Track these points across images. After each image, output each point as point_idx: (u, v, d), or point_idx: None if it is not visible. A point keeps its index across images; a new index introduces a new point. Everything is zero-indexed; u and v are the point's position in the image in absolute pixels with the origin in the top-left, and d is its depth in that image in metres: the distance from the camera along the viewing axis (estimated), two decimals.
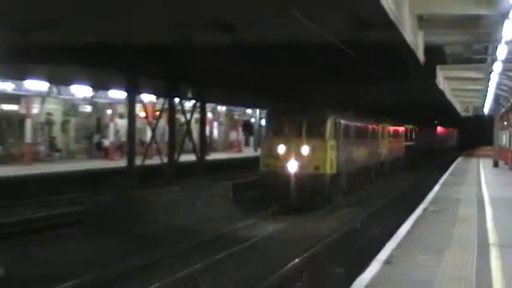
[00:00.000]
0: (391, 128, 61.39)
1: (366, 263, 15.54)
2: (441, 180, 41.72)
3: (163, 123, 43.67)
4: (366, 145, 47.58)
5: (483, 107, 64.05)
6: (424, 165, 75.54)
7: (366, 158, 47.47)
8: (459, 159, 73.24)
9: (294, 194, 34.43)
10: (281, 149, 35.26)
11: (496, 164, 57.98)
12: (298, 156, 34.84)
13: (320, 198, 35.48)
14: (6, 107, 54.31)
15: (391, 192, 46.32)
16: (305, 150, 34.81)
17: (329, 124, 36.14)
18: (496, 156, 60.57)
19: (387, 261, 15.33)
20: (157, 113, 44.24)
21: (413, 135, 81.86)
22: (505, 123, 63.36)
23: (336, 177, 37.06)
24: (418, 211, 25.40)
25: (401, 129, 69.38)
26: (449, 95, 59.27)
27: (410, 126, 78.57)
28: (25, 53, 32.67)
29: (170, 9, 27.04)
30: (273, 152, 35.65)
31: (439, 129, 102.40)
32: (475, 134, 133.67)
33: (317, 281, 19.23)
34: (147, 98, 49.01)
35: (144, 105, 41.03)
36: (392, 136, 62.28)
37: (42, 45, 30.40)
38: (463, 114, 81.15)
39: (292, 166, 34.64)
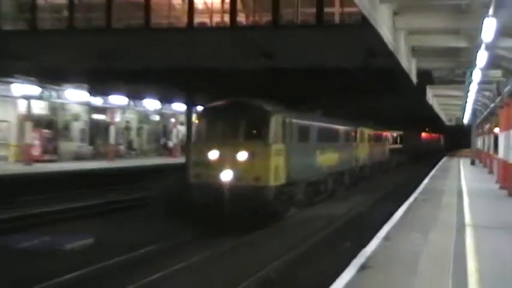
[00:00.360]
0: (372, 132, 48.05)
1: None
2: (429, 176, 41.39)
3: None
4: (336, 149, 34.82)
5: (463, 118, 63.54)
6: (414, 164, 71.79)
7: (336, 163, 34.57)
8: (444, 159, 72.65)
9: (229, 211, 22.93)
10: (213, 155, 23.71)
11: (473, 163, 57.82)
12: (234, 164, 23.35)
13: (261, 214, 23.65)
14: (96, 116, 55.35)
15: (383, 187, 42.54)
16: (242, 156, 23.31)
17: (273, 124, 24.11)
18: (473, 156, 60.60)
19: (386, 238, 15.35)
20: None
21: (403, 140, 73.72)
22: (480, 131, 62.88)
23: (287, 188, 25.17)
24: (411, 199, 25.30)
25: (384, 133, 56.48)
26: (436, 108, 59.03)
27: (400, 132, 71.42)
28: (110, 75, 33.08)
29: (224, 44, 27.50)
30: (204, 159, 23.98)
31: (424, 134, 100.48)
32: (457, 139, 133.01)
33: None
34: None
35: None
36: (374, 140, 48.75)
37: (124, 70, 30.76)
38: (447, 123, 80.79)
39: (227, 177, 23.17)
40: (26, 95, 42.98)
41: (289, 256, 18.22)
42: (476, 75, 26.29)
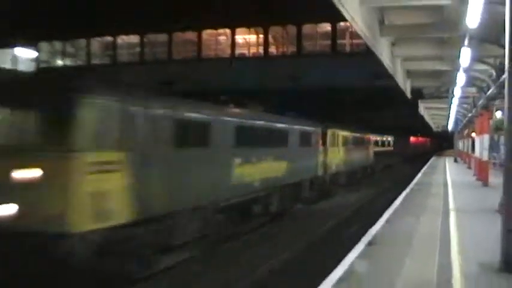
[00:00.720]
0: (351, 135, 33.63)
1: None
2: (421, 171, 41.11)
3: None
4: (283, 156, 20.42)
5: (448, 125, 63.09)
6: (408, 163, 66.26)
7: (285, 173, 20.35)
8: (433, 158, 71.89)
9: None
10: None
11: (455, 160, 57.26)
12: (12, 191, 9.39)
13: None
14: None
15: (385, 182, 41.67)
16: (25, 176, 9.31)
17: (86, 116, 9.91)
18: (456, 155, 60.15)
19: (387, 221, 15.43)
20: None
21: (394, 143, 67.41)
22: (461, 135, 62.41)
23: (136, 231, 10.96)
24: (407, 190, 25.24)
25: (367, 136, 41.92)
26: (427, 118, 58.80)
27: (391, 137, 65.48)
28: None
29: (259, 70, 27.84)
30: None
31: (416, 138, 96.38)
32: (443, 142, 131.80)
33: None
34: None
35: None
36: (353, 143, 34.19)
37: (182, 92, 31.15)
38: (435, 129, 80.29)
39: None
40: None
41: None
42: (457, 92, 26.34)
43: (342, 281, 8.90)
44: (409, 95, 32.75)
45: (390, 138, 62.36)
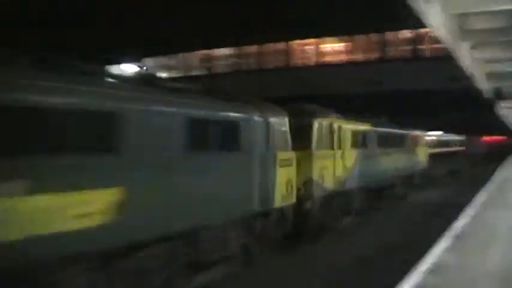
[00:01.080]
0: (372, 130, 21.63)
1: None
2: (501, 166, 39.87)
3: None
4: (106, 178, 7.03)
5: None
6: (481, 164, 60.04)
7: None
8: None
9: None
10: None
11: None
12: None
13: None
14: None
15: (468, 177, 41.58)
16: None
17: None
18: None
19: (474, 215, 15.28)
20: None
21: (466, 143, 58.51)
22: None
23: None
24: (488, 185, 24.74)
25: (413, 133, 30.20)
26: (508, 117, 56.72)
27: (462, 136, 56.63)
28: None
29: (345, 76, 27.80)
30: None
31: (491, 137, 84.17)
32: None
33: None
34: None
35: None
36: (380, 143, 22.24)
37: (271, 97, 31.75)
38: None
39: None
40: None
41: None
42: None
43: None
44: (488, 95, 31.95)
45: (461, 137, 57.28)
